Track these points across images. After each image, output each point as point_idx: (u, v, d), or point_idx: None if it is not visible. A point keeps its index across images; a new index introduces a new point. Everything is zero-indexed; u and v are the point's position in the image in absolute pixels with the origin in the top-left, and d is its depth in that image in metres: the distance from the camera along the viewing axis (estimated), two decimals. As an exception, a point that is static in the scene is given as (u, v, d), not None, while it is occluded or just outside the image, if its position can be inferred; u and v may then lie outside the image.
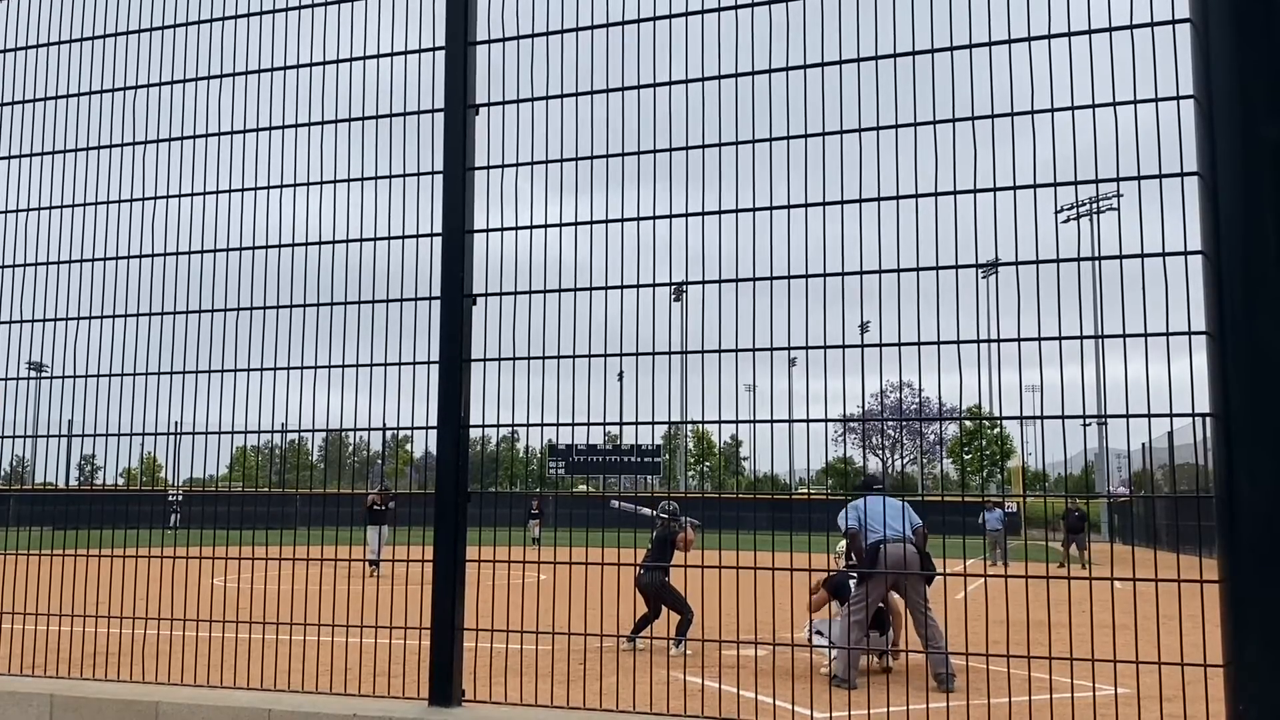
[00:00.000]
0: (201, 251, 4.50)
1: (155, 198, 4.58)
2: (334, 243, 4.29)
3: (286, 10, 4.43)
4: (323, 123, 4.36)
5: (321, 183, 4.34)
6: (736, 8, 3.80)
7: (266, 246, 4.38)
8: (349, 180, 4.31)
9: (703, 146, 3.77)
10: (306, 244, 4.33)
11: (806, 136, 3.66)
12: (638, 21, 3.89)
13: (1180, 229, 3.06)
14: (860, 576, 9.35)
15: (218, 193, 4.51)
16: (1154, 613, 3.34)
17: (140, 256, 4.58)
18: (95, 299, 4.64)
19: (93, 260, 4.67)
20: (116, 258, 4.62)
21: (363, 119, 4.31)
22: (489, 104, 4.06)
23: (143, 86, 4.65)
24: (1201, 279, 2.99)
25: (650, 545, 12.12)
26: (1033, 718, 4.69)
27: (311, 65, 4.37)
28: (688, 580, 11.33)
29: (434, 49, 4.11)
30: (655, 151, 3.86)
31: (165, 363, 4.50)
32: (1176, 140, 3.09)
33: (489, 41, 4.07)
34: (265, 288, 4.34)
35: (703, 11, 3.82)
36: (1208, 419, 2.95)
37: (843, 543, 10.56)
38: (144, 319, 4.55)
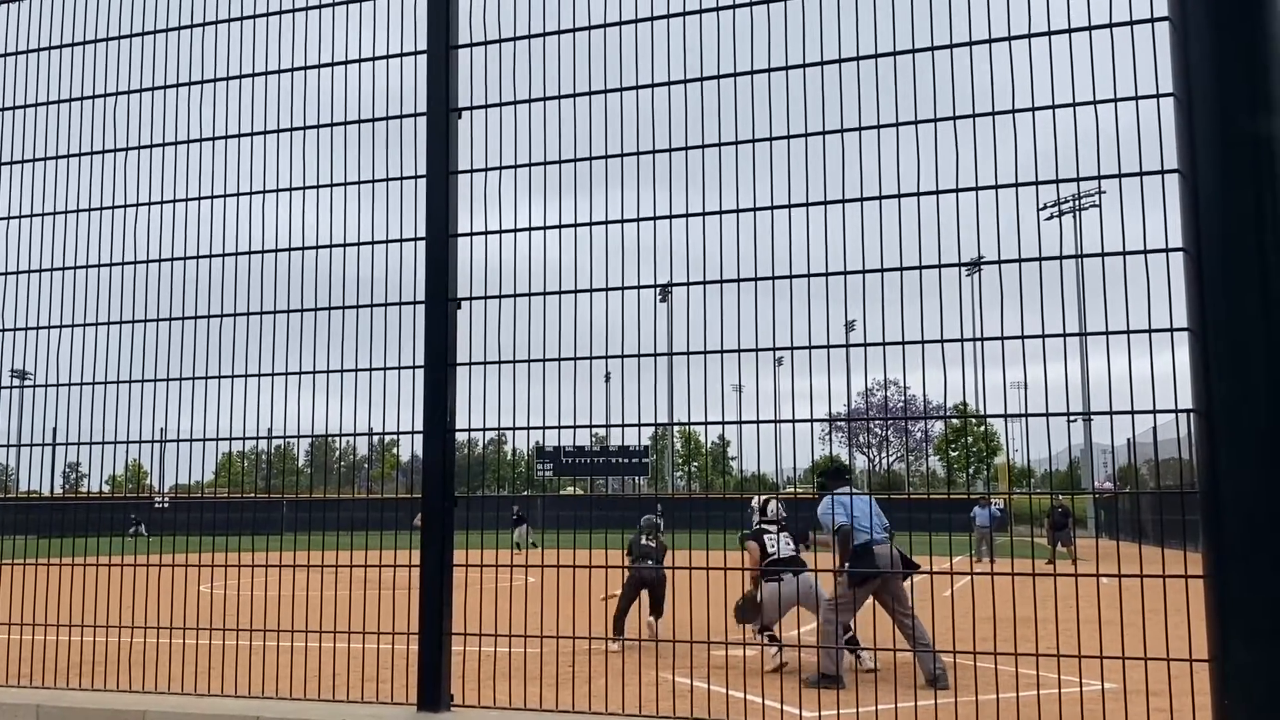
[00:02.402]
0: (185, 258, 4.48)
1: (138, 204, 4.56)
2: (318, 248, 4.28)
3: (268, 15, 4.42)
4: (305, 128, 4.34)
5: (305, 188, 4.33)
6: (719, 9, 3.80)
7: (250, 252, 4.37)
8: (332, 185, 4.30)
9: (685, 148, 3.78)
10: (290, 249, 4.32)
11: (789, 137, 3.67)
12: (619, 24, 3.89)
13: (1161, 226, 3.08)
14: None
15: (199, 199, 4.49)
16: (1140, 608, 3.35)
17: (125, 263, 4.55)
18: (79, 307, 4.62)
19: (75, 268, 4.65)
20: (101, 265, 4.60)
21: (345, 124, 4.30)
22: (471, 107, 4.06)
23: (120, 94, 4.63)
24: (1183, 275, 3.01)
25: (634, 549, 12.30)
26: (1020, 714, 4.70)
27: (293, 70, 4.36)
28: (676, 579, 11.36)
29: (415, 53, 4.11)
30: (639, 153, 3.86)
31: (151, 370, 4.48)
32: (1157, 138, 3.12)
33: (470, 45, 4.07)
34: (250, 294, 4.33)
35: (684, 14, 3.83)
36: (1191, 415, 2.97)
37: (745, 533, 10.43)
38: (129, 326, 4.53)
